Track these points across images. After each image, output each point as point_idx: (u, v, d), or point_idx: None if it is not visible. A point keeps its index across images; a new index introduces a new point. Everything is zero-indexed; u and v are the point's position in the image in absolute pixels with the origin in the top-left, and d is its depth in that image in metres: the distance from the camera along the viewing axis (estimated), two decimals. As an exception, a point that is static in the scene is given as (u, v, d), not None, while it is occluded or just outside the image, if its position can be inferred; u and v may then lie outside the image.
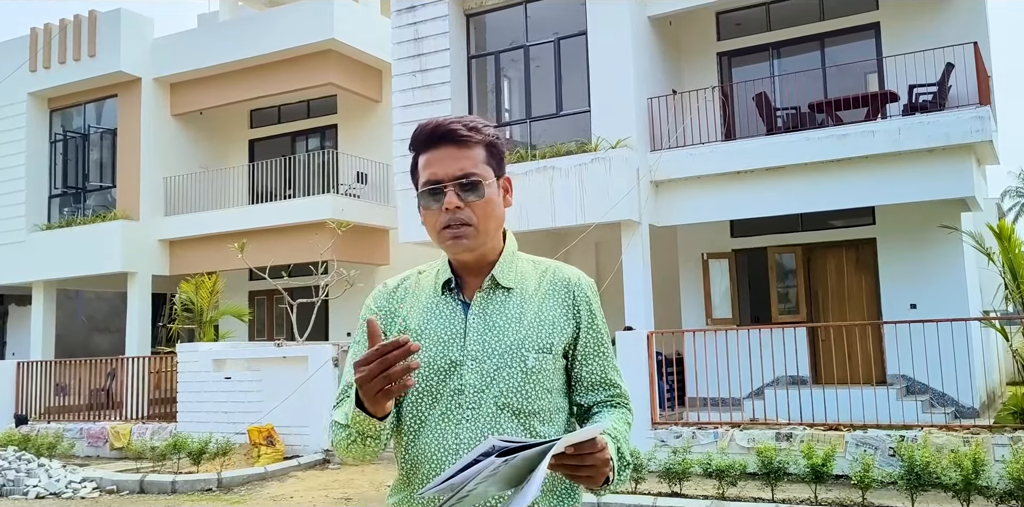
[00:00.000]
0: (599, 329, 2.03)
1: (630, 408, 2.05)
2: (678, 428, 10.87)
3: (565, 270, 2.07)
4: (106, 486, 11.63)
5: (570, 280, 2.04)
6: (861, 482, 8.25)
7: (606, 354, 2.03)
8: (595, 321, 2.03)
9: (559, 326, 1.97)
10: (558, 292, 2.01)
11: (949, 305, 12.20)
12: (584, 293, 2.02)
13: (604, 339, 2.04)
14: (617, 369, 2.06)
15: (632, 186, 12.70)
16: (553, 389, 1.96)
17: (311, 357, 13.17)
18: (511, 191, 2.06)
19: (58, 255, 18.77)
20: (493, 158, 2.00)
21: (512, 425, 1.89)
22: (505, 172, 2.05)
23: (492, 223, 1.98)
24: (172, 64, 19.05)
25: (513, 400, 1.90)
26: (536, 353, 1.93)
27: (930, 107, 12.11)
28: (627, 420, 2.01)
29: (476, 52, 15.18)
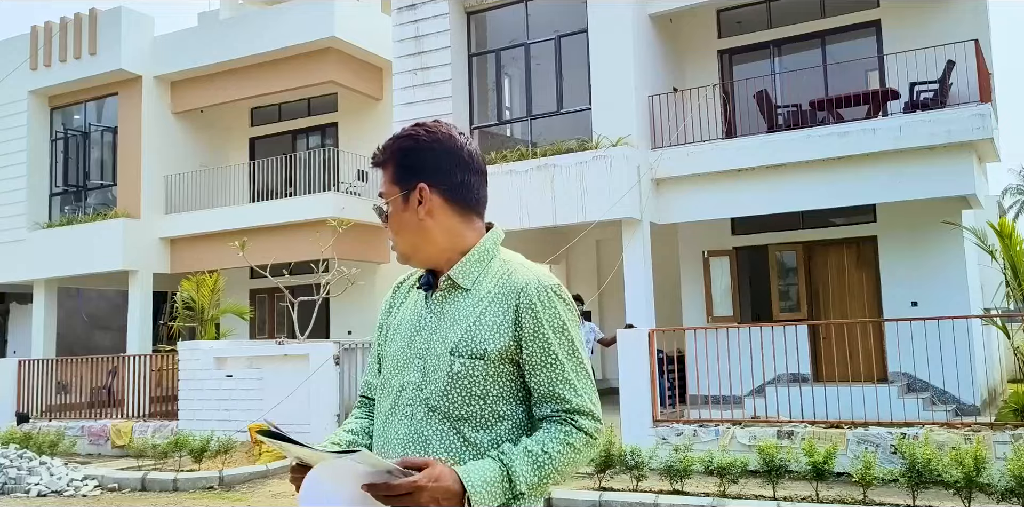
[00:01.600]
0: (546, 339, 1.89)
1: (579, 425, 1.86)
2: (679, 426, 10.87)
3: (520, 274, 1.96)
4: (108, 484, 11.64)
5: (519, 286, 1.93)
6: (862, 480, 8.25)
7: (555, 366, 1.88)
8: (541, 330, 1.89)
9: (498, 332, 1.89)
10: (505, 297, 1.92)
11: (950, 303, 12.20)
12: (530, 300, 1.90)
13: (553, 350, 1.89)
14: (572, 382, 1.88)
15: (633, 184, 12.70)
16: (488, 396, 1.89)
17: (312, 355, 13.17)
18: (425, 199, 1.98)
19: (59, 253, 18.77)
20: (400, 169, 2.00)
21: (442, 428, 1.89)
22: (422, 176, 1.99)
23: (402, 239, 2.03)
24: (173, 62, 19.04)
25: (440, 403, 1.90)
26: (464, 358, 1.89)
27: (931, 105, 12.10)
28: (566, 440, 1.84)
29: (477, 50, 15.18)
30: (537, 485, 1.81)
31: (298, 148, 20.28)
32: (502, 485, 1.78)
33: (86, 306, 22.38)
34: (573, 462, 1.85)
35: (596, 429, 1.88)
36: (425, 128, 2.03)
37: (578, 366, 1.90)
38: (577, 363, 1.90)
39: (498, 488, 1.77)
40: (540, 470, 1.81)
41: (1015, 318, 11.88)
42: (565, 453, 1.83)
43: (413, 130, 2.03)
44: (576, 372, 1.89)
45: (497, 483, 1.77)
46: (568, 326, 1.92)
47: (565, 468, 1.84)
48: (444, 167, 2.00)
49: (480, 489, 1.74)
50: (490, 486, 1.76)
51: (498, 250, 2.04)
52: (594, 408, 1.89)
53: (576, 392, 1.88)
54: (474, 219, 2.04)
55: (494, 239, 2.05)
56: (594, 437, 1.87)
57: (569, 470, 1.87)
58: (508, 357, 1.89)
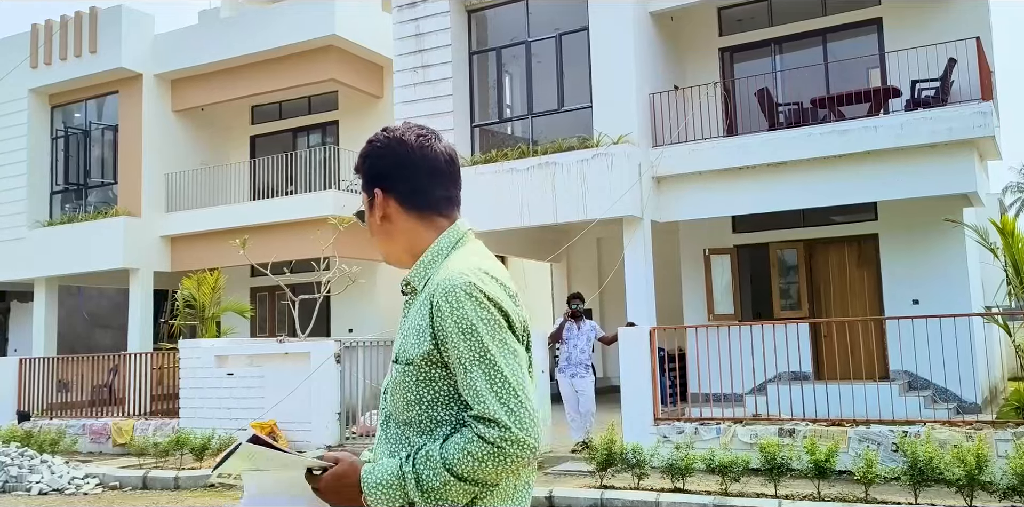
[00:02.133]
0: (454, 342, 1.80)
1: (478, 432, 1.74)
2: (680, 424, 10.87)
3: (440, 273, 1.91)
4: (109, 482, 11.65)
5: (432, 284, 1.89)
6: (864, 478, 8.24)
7: (464, 370, 1.78)
8: (447, 333, 1.80)
9: (419, 336, 1.87)
10: (425, 298, 1.89)
11: (951, 301, 12.20)
12: (438, 302, 1.83)
13: (460, 353, 1.79)
14: (477, 387, 1.76)
15: (634, 182, 12.69)
16: (423, 401, 1.86)
17: (313, 353, 13.16)
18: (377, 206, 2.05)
19: (60, 251, 18.77)
20: (366, 176, 2.07)
21: (397, 432, 1.93)
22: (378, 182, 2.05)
23: (378, 242, 2.09)
24: (173, 60, 19.03)
25: (391, 409, 1.95)
26: (400, 364, 1.90)
27: (932, 102, 12.09)
28: (465, 448, 1.74)
29: (477, 48, 15.16)
30: (437, 490, 1.75)
31: (299, 146, 20.28)
32: (399, 489, 1.78)
33: (87, 304, 22.39)
34: (480, 471, 1.73)
35: (502, 438, 1.72)
36: (383, 133, 2.07)
37: (489, 369, 1.77)
38: (488, 367, 1.77)
39: (394, 491, 1.78)
40: (437, 477, 1.74)
41: (1016, 316, 11.89)
42: (464, 460, 1.73)
43: (374, 136, 2.09)
44: (488, 376, 1.76)
45: (394, 485, 1.78)
46: (478, 327, 1.79)
47: (472, 476, 1.74)
48: (394, 172, 2.03)
49: (375, 490, 1.79)
50: (385, 488, 1.79)
51: (455, 248, 2.00)
52: (504, 416, 1.73)
53: (479, 398, 1.75)
54: (435, 219, 2.04)
55: (450, 238, 2.01)
56: (500, 447, 1.72)
57: (484, 478, 1.75)
58: (434, 361, 1.84)
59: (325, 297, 15.01)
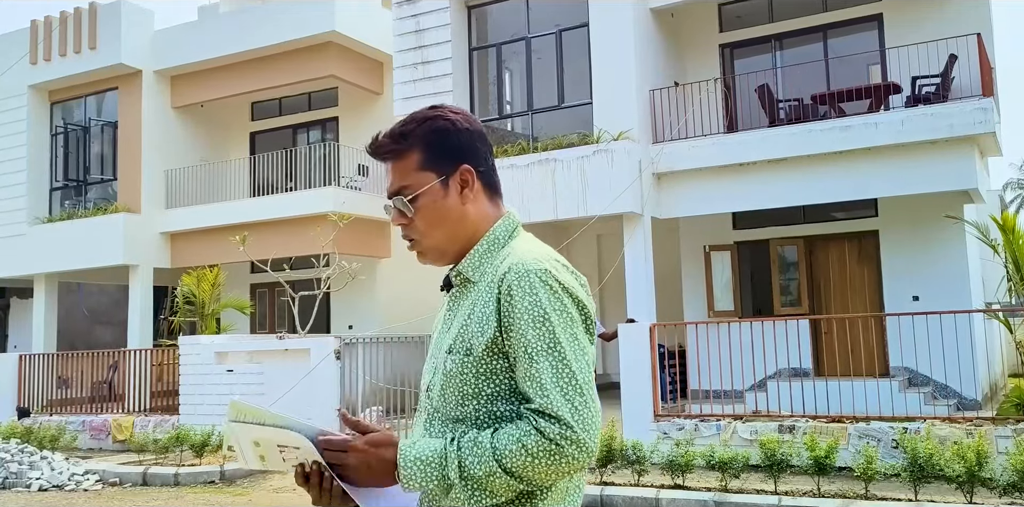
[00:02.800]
0: (521, 330, 1.69)
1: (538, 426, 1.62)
2: (680, 420, 10.87)
3: (508, 260, 1.79)
4: (109, 478, 11.65)
5: (502, 272, 1.76)
6: (864, 474, 8.24)
7: (525, 361, 1.68)
8: (516, 321, 1.70)
9: (484, 325, 1.74)
10: (493, 286, 1.77)
11: (952, 297, 12.20)
12: (509, 287, 1.72)
13: (526, 342, 1.68)
14: (541, 380, 1.65)
15: (634, 178, 12.68)
16: (482, 394, 1.74)
17: (313, 350, 13.16)
18: (471, 181, 1.87)
19: (60, 248, 18.76)
20: (432, 154, 1.87)
21: (443, 430, 1.79)
22: (462, 160, 1.87)
23: (439, 232, 1.88)
24: (173, 56, 19.00)
25: (439, 404, 1.81)
26: (456, 355, 1.78)
27: (933, 99, 12.07)
28: (520, 440, 1.62)
29: (477, 44, 15.14)
30: (480, 479, 1.64)
31: (298, 143, 20.27)
32: (438, 468, 1.66)
33: (87, 301, 22.38)
34: (531, 467, 1.62)
35: (562, 436, 1.61)
36: (449, 109, 1.92)
37: (557, 362, 1.66)
38: (556, 359, 1.66)
39: (432, 470, 1.66)
40: (483, 465, 1.63)
41: (1017, 312, 11.88)
42: (516, 454, 1.62)
43: (438, 112, 1.91)
44: (553, 368, 1.66)
45: (432, 464, 1.66)
46: (551, 316, 1.69)
47: (521, 471, 1.62)
48: (480, 148, 1.91)
49: (411, 465, 1.66)
50: (423, 465, 1.66)
51: (512, 237, 1.89)
52: (567, 413, 1.62)
53: (543, 391, 1.64)
54: (500, 205, 1.94)
55: (505, 226, 1.89)
56: (558, 445, 1.61)
57: (532, 475, 1.63)
58: (498, 352, 1.73)
59: (325, 294, 15.02)
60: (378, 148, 1.94)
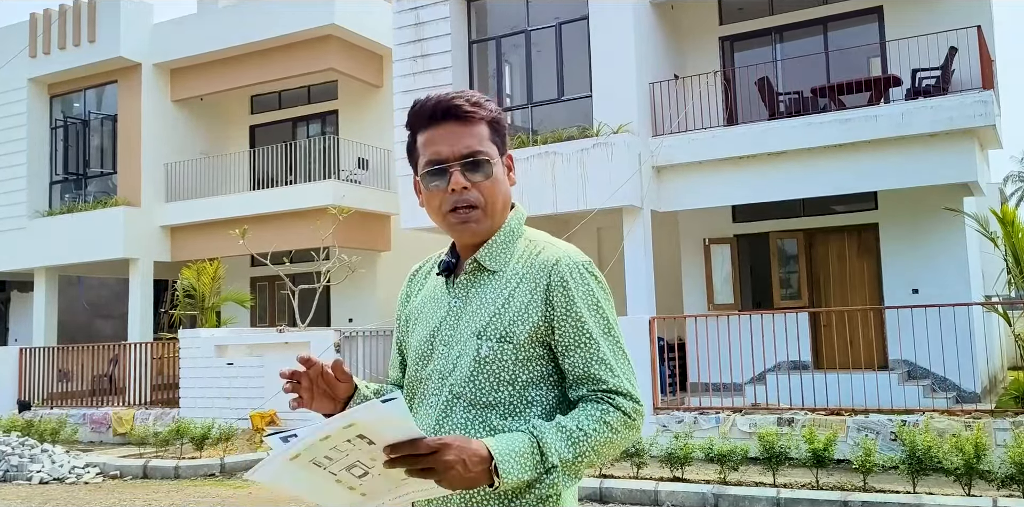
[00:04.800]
0: (580, 317, 1.79)
1: (616, 404, 1.76)
2: (680, 413, 10.89)
3: (550, 251, 1.87)
4: (109, 471, 11.69)
5: (549, 263, 1.84)
6: (863, 467, 8.27)
7: (589, 346, 1.79)
8: (573, 309, 1.80)
9: (526, 313, 1.81)
10: (535, 275, 1.83)
11: (951, 290, 12.20)
12: (562, 278, 1.81)
13: (588, 328, 1.79)
14: (609, 362, 1.79)
15: (634, 171, 12.67)
16: (517, 381, 1.80)
17: (313, 343, 13.18)
18: (513, 169, 2.00)
19: (60, 241, 18.76)
20: (497, 135, 1.94)
21: (466, 416, 1.80)
22: (507, 149, 1.99)
23: (499, 203, 1.92)
24: (172, 49, 18.97)
25: (465, 390, 1.81)
26: (492, 341, 1.81)
27: (933, 91, 12.05)
28: (603, 419, 1.74)
29: (477, 37, 15.11)
30: (571, 461, 1.70)
31: (298, 136, 20.24)
32: (532, 457, 1.66)
33: (87, 294, 22.41)
34: (610, 442, 1.74)
35: (635, 410, 1.79)
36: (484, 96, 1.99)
37: (615, 345, 1.82)
38: (613, 342, 1.82)
39: (528, 459, 1.65)
40: (575, 446, 1.70)
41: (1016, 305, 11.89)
42: (601, 431, 1.72)
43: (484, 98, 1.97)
44: (613, 351, 1.81)
45: (527, 454, 1.65)
46: (603, 304, 1.84)
47: (602, 448, 1.73)
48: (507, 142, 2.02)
49: (508, 458, 1.63)
50: (519, 457, 1.64)
51: (523, 229, 1.97)
52: (632, 389, 1.80)
53: (613, 372, 1.79)
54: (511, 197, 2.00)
55: (518, 218, 1.98)
56: (632, 418, 1.78)
57: (607, 451, 1.75)
58: (538, 339, 1.80)
59: (325, 287, 15.03)
60: (455, 107, 1.92)
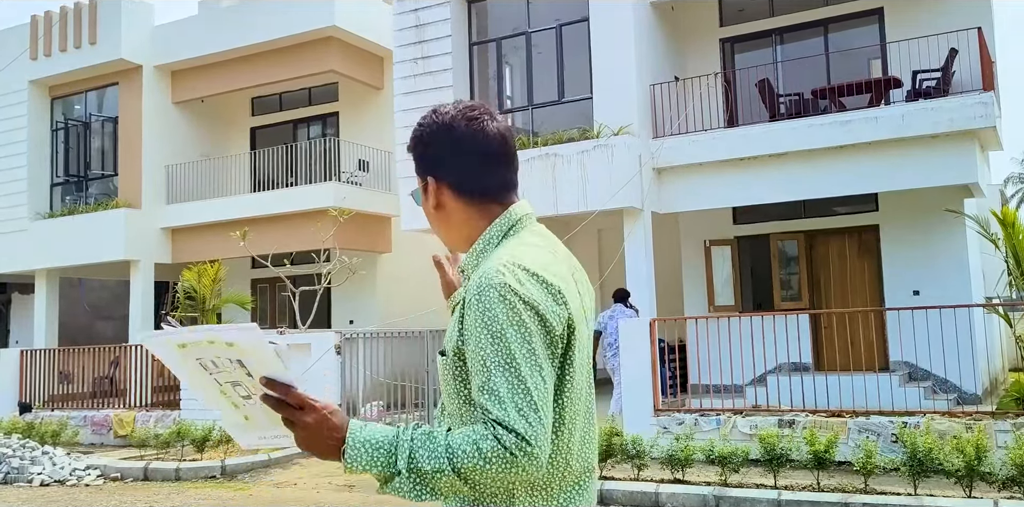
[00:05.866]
0: (479, 342, 1.70)
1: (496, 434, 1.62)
2: (680, 415, 10.88)
3: (484, 266, 1.81)
4: (110, 473, 11.68)
5: (473, 279, 1.79)
6: (864, 468, 8.26)
7: (482, 373, 1.68)
8: (475, 332, 1.71)
9: (453, 329, 1.82)
10: (467, 291, 1.79)
11: (952, 292, 12.19)
12: (470, 299, 1.74)
13: (486, 355, 1.68)
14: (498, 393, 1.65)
15: (634, 173, 12.67)
16: (460, 394, 1.81)
17: (314, 345, 13.18)
18: (428, 193, 1.98)
19: (61, 243, 18.78)
20: (417, 161, 2.00)
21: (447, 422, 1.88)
22: (431, 170, 1.97)
23: (433, 226, 2.02)
24: (173, 51, 19.00)
25: (443, 398, 1.91)
26: (441, 356, 1.85)
27: (934, 93, 12.05)
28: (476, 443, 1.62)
29: (478, 39, 15.13)
30: (425, 474, 1.64)
31: (299, 138, 20.25)
32: (385, 455, 1.66)
33: (88, 296, 22.41)
34: (481, 471, 1.62)
35: (518, 447, 1.61)
36: (433, 116, 1.97)
37: (513, 378, 1.66)
38: (512, 375, 1.66)
39: (380, 456, 1.66)
40: (433, 460, 1.63)
41: (1017, 307, 11.88)
42: (470, 455, 1.62)
43: (423, 118, 1.99)
44: (508, 382, 1.65)
45: (381, 450, 1.66)
46: (507, 332, 1.68)
47: (469, 474, 1.63)
48: (446, 159, 1.96)
49: (359, 446, 1.66)
50: (371, 449, 1.66)
51: (507, 237, 1.92)
52: (522, 426, 1.63)
53: (501, 405, 1.64)
54: (489, 207, 1.96)
55: (501, 226, 1.93)
56: (513, 454, 1.61)
57: (478, 479, 1.64)
58: (463, 356, 1.77)
59: (325, 289, 15.04)
60: None
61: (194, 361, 1.68)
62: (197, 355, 1.67)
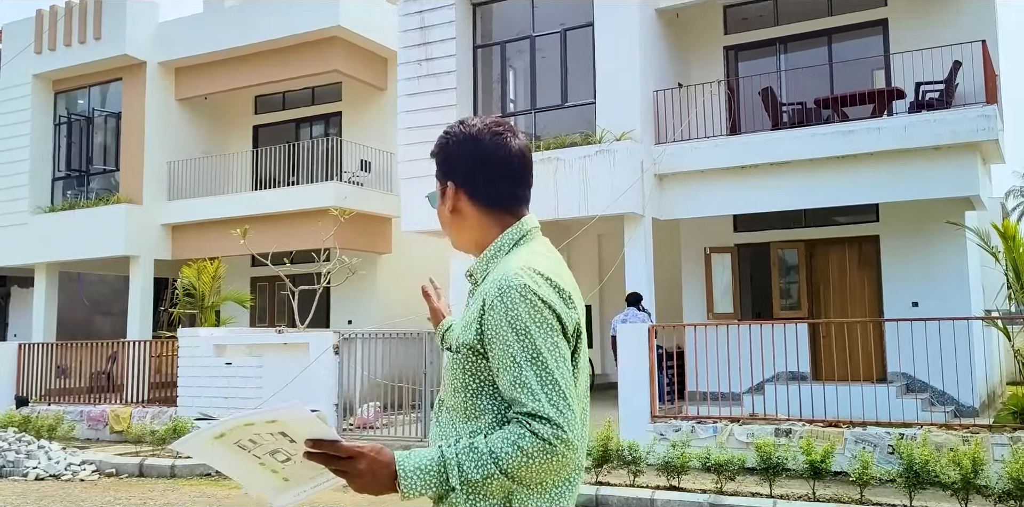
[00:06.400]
0: (505, 340, 1.82)
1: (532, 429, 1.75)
2: (677, 422, 10.88)
3: (498, 269, 1.95)
4: (105, 469, 11.66)
5: (491, 282, 1.91)
6: (860, 479, 8.26)
7: (512, 369, 1.80)
8: (500, 331, 1.83)
9: (469, 327, 1.91)
10: (483, 293, 1.92)
11: (951, 304, 12.21)
12: (492, 299, 1.86)
13: (512, 352, 1.81)
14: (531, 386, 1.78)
15: (636, 179, 12.69)
16: (468, 388, 1.91)
17: (312, 344, 13.17)
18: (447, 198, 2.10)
19: (61, 237, 18.78)
20: (440, 166, 2.13)
21: (447, 418, 1.97)
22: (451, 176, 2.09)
23: (446, 229, 2.15)
24: (177, 48, 19.01)
25: (444, 395, 2.00)
26: (450, 352, 1.99)
27: (936, 105, 12.08)
28: (516, 443, 1.75)
29: (482, 42, 15.14)
30: (477, 483, 1.76)
31: (301, 137, 20.26)
32: (436, 475, 1.77)
33: (87, 291, 22.41)
34: (526, 467, 1.75)
35: (555, 436, 1.75)
36: (460, 127, 2.11)
37: (541, 371, 1.79)
38: (540, 368, 1.79)
39: (432, 477, 1.77)
40: (481, 468, 1.76)
41: (1016, 320, 11.89)
42: (513, 456, 1.74)
43: (450, 128, 2.13)
44: (539, 376, 1.79)
45: (432, 472, 1.77)
46: (531, 329, 1.81)
47: (516, 472, 1.76)
48: (468, 169, 2.08)
49: (411, 474, 1.76)
50: (422, 474, 1.76)
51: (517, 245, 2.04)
52: (554, 414, 1.76)
53: (534, 397, 1.77)
54: (502, 216, 2.08)
55: (512, 235, 2.06)
56: (551, 444, 1.75)
57: (525, 475, 1.77)
58: (478, 353, 1.89)
59: (325, 288, 15.03)
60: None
61: (232, 446, 1.73)
62: (235, 439, 1.72)
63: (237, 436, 1.70)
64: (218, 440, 1.70)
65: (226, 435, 1.69)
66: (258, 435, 1.71)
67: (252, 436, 1.71)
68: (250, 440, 1.72)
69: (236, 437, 1.70)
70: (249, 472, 1.78)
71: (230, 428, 1.68)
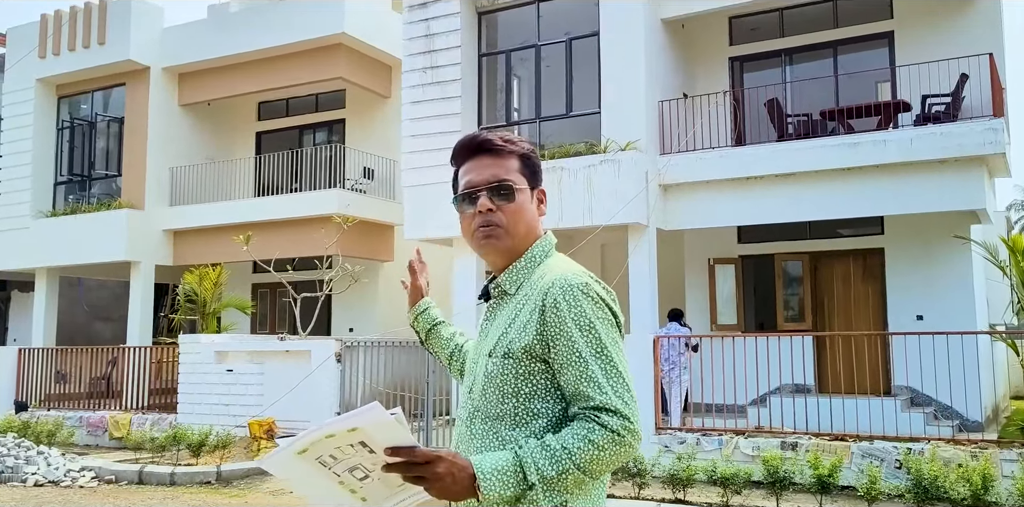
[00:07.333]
0: (570, 337, 1.90)
1: (602, 422, 1.84)
2: (682, 434, 10.84)
3: (550, 275, 2.02)
4: (105, 476, 11.60)
5: (546, 286, 1.98)
6: (868, 494, 8.21)
7: (578, 365, 1.89)
8: (564, 328, 1.91)
9: (524, 332, 1.96)
10: (535, 297, 1.99)
11: (956, 317, 12.16)
12: (555, 299, 1.93)
13: (578, 348, 1.89)
14: (597, 380, 1.87)
15: (640, 189, 12.65)
16: (520, 394, 1.95)
17: (314, 352, 13.13)
18: (545, 202, 2.22)
19: (62, 242, 18.72)
20: (527, 168, 2.17)
21: (483, 427, 1.99)
22: (540, 184, 2.21)
23: (521, 227, 2.12)
24: (181, 54, 18.99)
25: (480, 403, 2.02)
26: (496, 358, 1.99)
27: (943, 118, 12.05)
28: (587, 437, 1.82)
29: (487, 50, 15.12)
30: (554, 479, 1.81)
31: (305, 144, 20.24)
32: (514, 475, 1.79)
33: (87, 296, 22.34)
34: (598, 460, 1.82)
35: (624, 427, 1.84)
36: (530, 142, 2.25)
37: (606, 364, 1.89)
38: (605, 361, 1.89)
39: (510, 478, 1.79)
40: (557, 464, 1.80)
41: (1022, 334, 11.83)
42: (586, 450, 1.81)
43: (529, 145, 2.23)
44: (604, 370, 1.88)
45: (509, 472, 1.79)
46: (595, 324, 1.92)
47: (589, 466, 1.82)
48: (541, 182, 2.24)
49: (490, 476, 1.77)
50: (501, 475, 1.78)
51: (547, 257, 2.14)
52: (622, 406, 1.85)
53: (601, 390, 1.86)
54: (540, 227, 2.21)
55: (543, 247, 2.15)
56: (620, 435, 1.83)
57: (597, 468, 1.83)
58: (535, 355, 1.94)
59: (327, 296, 14.99)
60: (487, 141, 2.17)
61: (314, 462, 1.72)
62: (316, 454, 1.71)
63: (319, 451, 1.69)
64: (300, 456, 1.70)
65: (308, 450, 1.69)
66: (339, 449, 1.69)
67: (333, 450, 1.70)
68: (331, 456, 1.71)
69: (318, 452, 1.70)
70: (328, 492, 1.77)
71: (312, 441, 1.67)
